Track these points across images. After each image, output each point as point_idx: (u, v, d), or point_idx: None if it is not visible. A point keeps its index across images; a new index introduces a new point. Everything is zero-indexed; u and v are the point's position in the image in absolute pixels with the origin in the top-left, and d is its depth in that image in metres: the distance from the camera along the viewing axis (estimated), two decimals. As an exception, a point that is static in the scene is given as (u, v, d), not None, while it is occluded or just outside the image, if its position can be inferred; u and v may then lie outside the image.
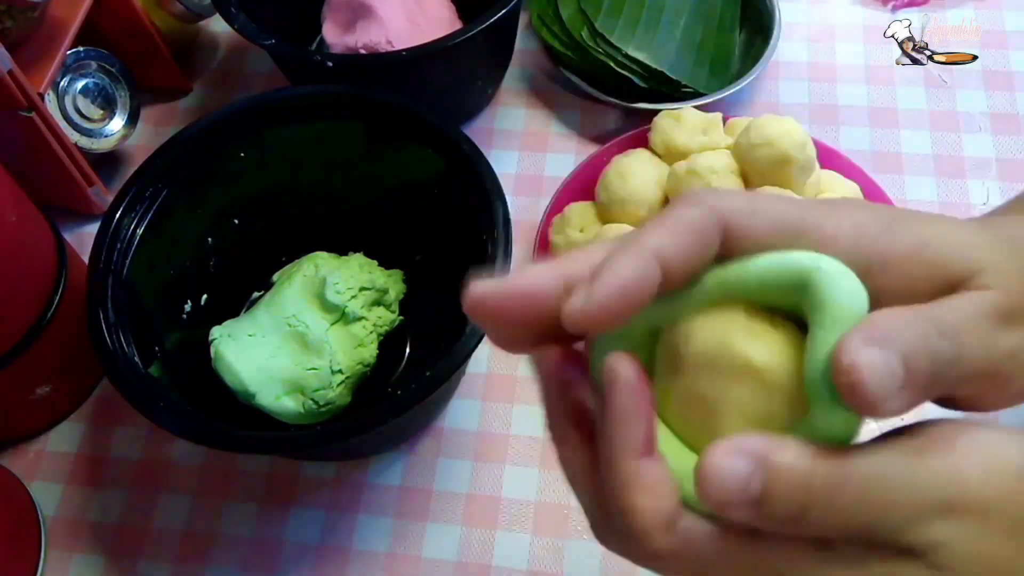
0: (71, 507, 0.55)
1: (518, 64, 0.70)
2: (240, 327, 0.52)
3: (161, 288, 0.52)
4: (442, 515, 0.52)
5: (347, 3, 0.65)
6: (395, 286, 0.55)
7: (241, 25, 0.59)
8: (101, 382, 0.59)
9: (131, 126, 0.66)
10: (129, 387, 0.45)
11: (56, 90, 0.60)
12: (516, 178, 0.65)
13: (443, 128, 0.52)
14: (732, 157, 0.54)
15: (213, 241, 0.56)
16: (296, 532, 0.53)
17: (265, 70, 0.73)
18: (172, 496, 0.54)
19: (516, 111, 0.69)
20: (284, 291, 0.53)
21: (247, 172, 0.55)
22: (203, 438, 0.44)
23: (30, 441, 0.57)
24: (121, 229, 0.50)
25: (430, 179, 0.53)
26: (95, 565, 0.53)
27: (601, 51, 0.63)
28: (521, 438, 0.54)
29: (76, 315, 0.50)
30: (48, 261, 0.53)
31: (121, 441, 0.57)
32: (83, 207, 0.64)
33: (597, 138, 0.66)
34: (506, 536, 0.51)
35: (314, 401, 0.50)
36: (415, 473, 0.54)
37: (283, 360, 0.50)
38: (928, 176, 0.62)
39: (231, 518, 0.53)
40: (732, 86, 0.63)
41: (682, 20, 0.65)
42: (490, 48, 0.64)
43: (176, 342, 0.52)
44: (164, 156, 0.52)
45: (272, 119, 0.54)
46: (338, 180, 0.57)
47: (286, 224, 0.59)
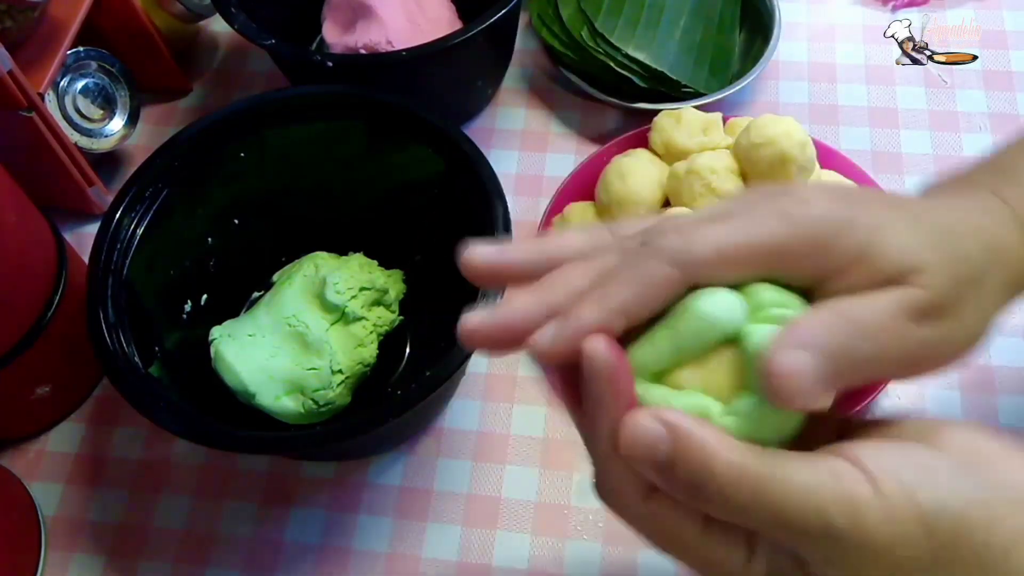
0: (71, 507, 0.55)
1: (518, 64, 0.70)
2: (240, 327, 0.52)
3: (161, 288, 0.52)
4: (442, 515, 0.52)
5: (347, 3, 0.65)
6: (395, 286, 0.55)
7: (241, 25, 0.59)
8: (101, 382, 0.59)
9: (131, 126, 0.66)
10: (129, 387, 0.45)
11: (56, 90, 0.60)
12: (516, 178, 0.65)
13: (443, 128, 0.52)
14: (732, 157, 0.54)
15: (213, 241, 0.56)
16: (296, 532, 0.53)
17: (265, 70, 0.73)
18: (172, 496, 0.54)
19: (516, 111, 0.69)
20: (284, 291, 0.53)
21: (247, 172, 0.55)
22: (203, 438, 0.44)
23: (30, 441, 0.57)
24: (121, 229, 0.50)
25: (430, 179, 0.53)
26: (95, 565, 0.53)
27: (601, 51, 0.63)
28: (521, 438, 0.54)
29: (76, 315, 0.50)
30: (48, 261, 0.53)
31: (121, 441, 0.57)
32: (83, 207, 0.64)
33: (597, 138, 0.66)
34: (506, 536, 0.51)
35: (314, 401, 0.50)
36: (415, 473, 0.54)
37: (283, 360, 0.50)
38: (928, 176, 0.62)
39: (231, 518, 0.53)
40: (732, 86, 0.63)
41: (682, 20, 0.65)
42: (490, 48, 0.64)
43: (176, 342, 0.52)
44: (164, 156, 0.52)
45: (272, 119, 0.54)
46: (338, 180, 0.57)
47: (286, 224, 0.59)
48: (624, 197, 0.55)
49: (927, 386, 0.54)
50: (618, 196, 0.55)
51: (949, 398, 0.54)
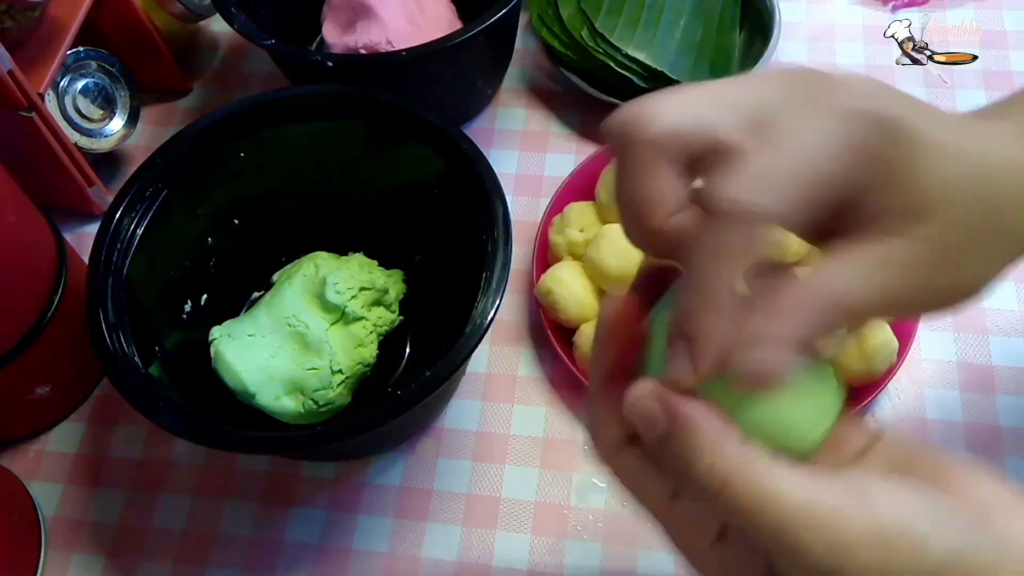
0: (71, 507, 0.55)
1: (518, 64, 0.70)
2: (240, 327, 0.52)
3: (161, 288, 0.52)
4: (442, 515, 0.52)
5: (347, 3, 0.65)
6: (395, 286, 0.55)
7: (241, 25, 0.59)
8: (101, 382, 0.59)
9: (131, 126, 0.66)
10: (129, 387, 0.45)
11: (56, 90, 0.60)
12: (516, 178, 0.65)
13: (443, 128, 0.52)
14: (732, 157, 0.54)
15: (213, 241, 0.56)
16: (296, 532, 0.53)
17: (265, 70, 0.73)
18: (172, 496, 0.54)
19: (516, 111, 0.69)
20: (284, 291, 0.53)
21: (247, 172, 0.55)
22: (203, 438, 0.44)
23: (30, 441, 0.57)
24: (121, 229, 0.50)
25: (430, 179, 0.53)
26: (95, 565, 0.53)
27: (601, 51, 0.63)
28: (521, 438, 0.54)
29: (76, 315, 0.50)
30: (48, 261, 0.53)
31: (121, 441, 0.57)
32: (83, 207, 0.64)
33: (597, 138, 0.66)
34: (506, 536, 0.51)
35: (314, 401, 0.50)
36: (415, 473, 0.54)
37: (283, 360, 0.50)
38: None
39: (231, 518, 0.53)
40: (732, 86, 0.63)
41: (682, 20, 0.65)
42: (490, 48, 0.64)
43: (176, 342, 0.52)
44: (164, 156, 0.52)
45: (272, 119, 0.54)
46: (338, 180, 0.57)
47: (286, 224, 0.59)
48: (624, 197, 0.55)
49: (926, 386, 0.54)
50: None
51: (949, 398, 0.54)
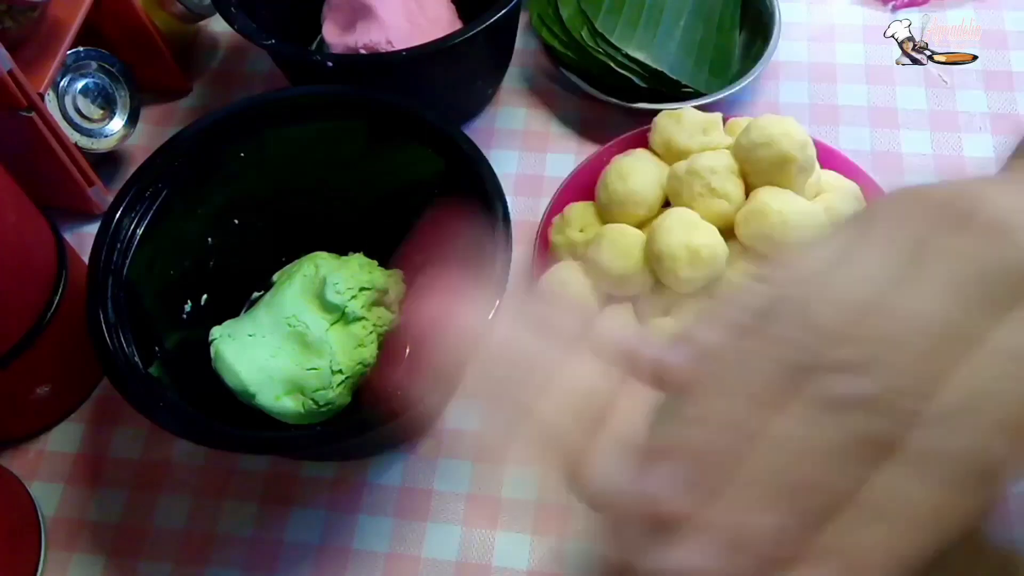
0: (71, 507, 0.55)
1: (518, 64, 0.70)
2: (240, 327, 0.52)
3: (161, 288, 0.52)
4: (442, 515, 0.52)
5: (347, 3, 0.65)
6: (395, 286, 0.55)
7: (241, 25, 0.59)
8: (101, 382, 0.59)
9: (131, 126, 0.66)
10: (129, 387, 0.45)
11: (56, 90, 0.60)
12: (516, 178, 0.65)
13: (443, 128, 0.52)
14: (732, 157, 0.54)
15: (213, 241, 0.56)
16: (296, 532, 0.53)
17: (265, 70, 0.73)
18: (172, 496, 0.54)
19: (516, 111, 0.69)
20: (284, 291, 0.53)
21: (247, 172, 0.55)
22: (203, 438, 0.44)
23: (30, 441, 0.57)
24: (121, 229, 0.50)
25: (430, 179, 0.53)
26: (95, 565, 0.53)
27: (601, 51, 0.63)
28: (521, 438, 0.54)
29: (76, 315, 0.50)
30: (48, 261, 0.53)
31: (121, 441, 0.57)
32: (83, 207, 0.64)
33: (597, 138, 0.66)
34: (506, 536, 0.51)
35: (314, 401, 0.50)
36: (415, 473, 0.54)
37: (283, 360, 0.50)
38: (928, 176, 0.62)
39: (231, 518, 0.53)
40: (732, 86, 0.63)
41: (682, 20, 0.65)
42: (490, 48, 0.64)
43: (176, 342, 0.52)
44: (164, 156, 0.52)
45: (272, 119, 0.54)
46: (338, 180, 0.57)
47: (286, 224, 0.59)
48: (624, 197, 0.55)
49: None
50: (618, 196, 0.55)
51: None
